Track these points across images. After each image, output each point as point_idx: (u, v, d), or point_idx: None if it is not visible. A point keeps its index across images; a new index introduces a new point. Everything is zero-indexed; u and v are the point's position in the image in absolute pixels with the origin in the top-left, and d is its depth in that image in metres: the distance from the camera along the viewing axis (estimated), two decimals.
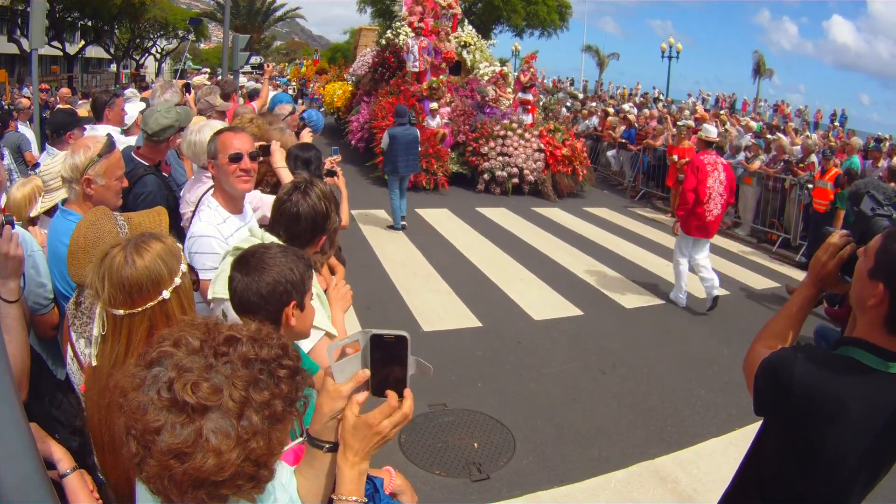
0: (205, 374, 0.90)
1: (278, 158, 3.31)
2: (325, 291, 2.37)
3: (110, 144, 2.53)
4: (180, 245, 1.63)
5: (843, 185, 8.51)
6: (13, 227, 1.84)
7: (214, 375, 0.90)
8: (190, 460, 0.86)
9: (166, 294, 1.50)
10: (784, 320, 1.66)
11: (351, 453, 1.22)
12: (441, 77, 13.00)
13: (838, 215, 8.00)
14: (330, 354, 1.23)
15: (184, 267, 1.56)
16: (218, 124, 3.31)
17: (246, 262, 1.70)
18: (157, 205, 3.12)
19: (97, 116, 4.38)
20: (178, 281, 1.53)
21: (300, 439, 1.14)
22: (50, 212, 2.67)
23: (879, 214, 1.53)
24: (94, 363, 1.53)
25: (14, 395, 1.21)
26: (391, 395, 1.23)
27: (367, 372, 1.23)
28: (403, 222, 9.10)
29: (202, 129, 3.14)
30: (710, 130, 7.19)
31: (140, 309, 1.48)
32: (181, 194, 3.44)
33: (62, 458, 1.47)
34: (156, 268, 1.49)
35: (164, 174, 3.58)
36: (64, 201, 2.44)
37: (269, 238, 2.16)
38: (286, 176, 3.25)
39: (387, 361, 1.23)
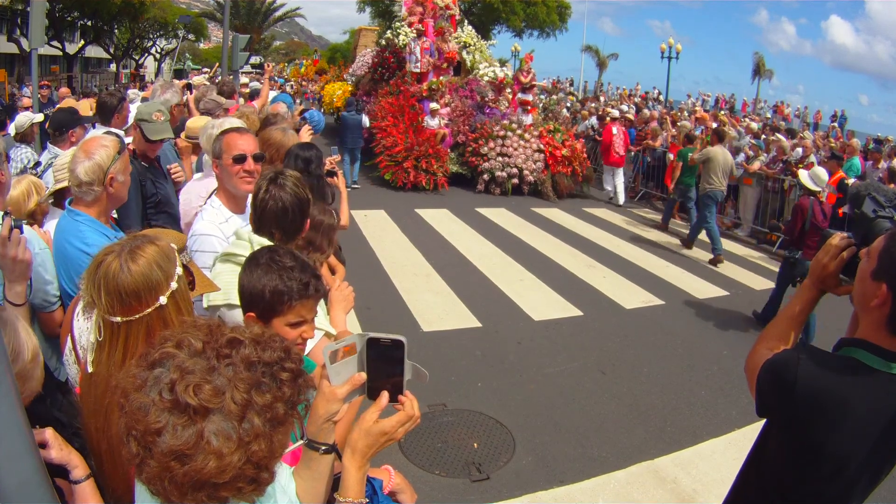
0: (207, 376, 0.90)
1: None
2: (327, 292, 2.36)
3: (123, 142, 2.57)
4: (174, 245, 1.60)
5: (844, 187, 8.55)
6: (21, 231, 1.84)
7: (217, 377, 0.90)
8: (191, 462, 0.86)
9: (163, 300, 1.47)
10: (786, 322, 1.66)
11: (359, 455, 1.23)
12: (441, 78, 13.01)
13: (676, 167, 10.16)
14: (326, 356, 1.22)
15: (179, 270, 1.52)
16: (235, 122, 3.35)
17: (249, 257, 1.73)
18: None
19: (105, 119, 4.35)
20: (174, 285, 1.50)
21: (300, 442, 1.14)
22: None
23: (881, 216, 1.53)
24: (90, 369, 1.52)
25: (15, 396, 1.20)
26: (402, 397, 1.24)
27: (364, 375, 1.23)
28: (356, 185, 11.55)
29: (223, 125, 3.18)
30: (614, 112, 13.45)
31: (137, 316, 1.46)
32: (185, 186, 3.47)
33: (78, 465, 1.44)
34: (152, 274, 1.46)
35: (142, 163, 3.60)
36: (70, 201, 2.44)
37: (258, 240, 2.14)
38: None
39: (383, 365, 1.22)
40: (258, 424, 0.90)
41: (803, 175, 7.07)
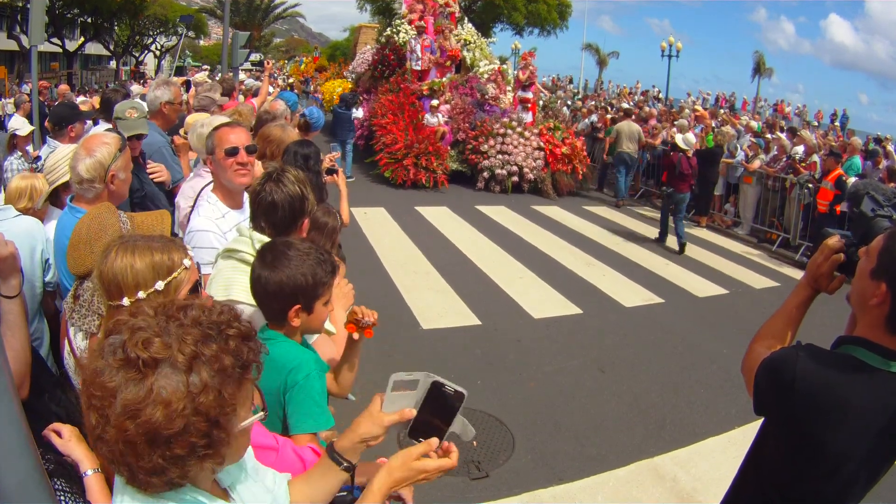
0: (157, 331, 0.93)
1: None
2: None
3: (124, 139, 2.57)
4: (187, 264, 1.59)
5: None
6: None
7: (166, 334, 0.93)
8: (141, 416, 0.88)
9: (126, 302, 1.49)
10: (782, 321, 1.67)
11: (391, 482, 1.24)
12: (444, 80, 13.00)
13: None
14: (390, 383, 1.25)
15: (160, 286, 1.52)
16: (225, 119, 3.34)
17: (265, 254, 1.77)
18: None
19: (108, 116, 4.35)
20: (141, 295, 1.50)
21: (260, 414, 1.12)
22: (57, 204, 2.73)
23: (880, 215, 1.53)
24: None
25: (13, 393, 1.20)
26: (447, 445, 1.26)
27: (413, 412, 1.26)
28: (351, 178, 11.24)
29: (212, 123, 3.17)
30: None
31: (114, 304, 1.51)
32: (181, 189, 3.46)
33: (83, 459, 1.47)
34: (121, 275, 1.49)
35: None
36: (72, 198, 2.45)
37: (258, 237, 2.15)
38: None
39: (435, 409, 1.25)
40: (205, 377, 0.92)
41: (678, 138, 9.42)
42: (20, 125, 6.31)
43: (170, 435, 0.89)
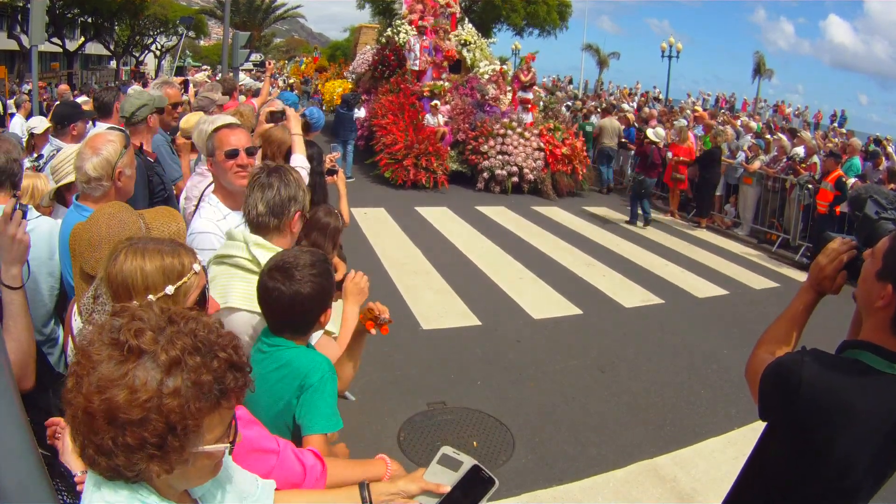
0: (152, 326, 0.97)
1: (294, 125, 3.34)
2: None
3: (128, 137, 2.59)
4: (196, 268, 1.55)
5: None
6: (25, 216, 1.85)
7: (159, 332, 0.97)
8: (108, 392, 0.91)
9: (135, 304, 1.49)
10: (786, 325, 1.66)
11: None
12: (445, 84, 13.00)
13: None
14: (439, 454, 1.43)
15: (170, 290, 1.49)
16: (228, 118, 3.35)
17: (287, 272, 1.78)
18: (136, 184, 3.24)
19: (104, 114, 4.36)
20: (151, 298, 1.46)
21: (225, 446, 1.07)
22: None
23: (884, 218, 1.53)
24: None
25: (14, 393, 1.20)
26: None
27: (447, 489, 1.40)
28: (350, 179, 10.99)
29: (215, 121, 3.17)
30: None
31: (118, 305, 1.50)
32: (185, 189, 3.47)
33: (71, 462, 1.48)
34: (132, 276, 1.47)
35: (148, 158, 3.62)
36: (77, 196, 2.45)
37: (253, 239, 2.12)
38: (300, 144, 3.29)
39: (466, 489, 1.39)
40: (179, 383, 0.94)
41: (649, 131, 10.53)
42: (37, 124, 6.14)
43: (126, 420, 0.91)
